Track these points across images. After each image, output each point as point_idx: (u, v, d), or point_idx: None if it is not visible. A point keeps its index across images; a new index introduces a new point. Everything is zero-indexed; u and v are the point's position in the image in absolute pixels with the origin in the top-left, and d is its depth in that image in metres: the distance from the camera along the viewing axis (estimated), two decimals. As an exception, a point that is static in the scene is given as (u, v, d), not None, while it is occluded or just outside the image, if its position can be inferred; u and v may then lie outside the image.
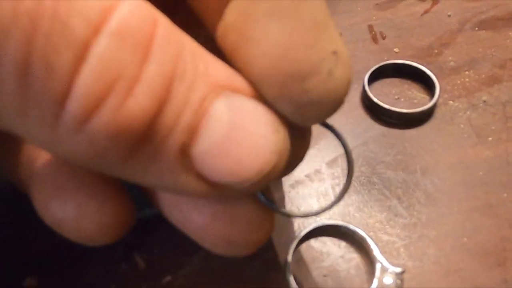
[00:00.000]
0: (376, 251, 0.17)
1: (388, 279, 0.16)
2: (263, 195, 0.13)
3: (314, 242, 0.18)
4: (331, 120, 0.23)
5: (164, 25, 0.10)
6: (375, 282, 0.16)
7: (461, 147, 0.21)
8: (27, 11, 0.08)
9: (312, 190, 0.20)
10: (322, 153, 0.21)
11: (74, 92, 0.08)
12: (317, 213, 0.13)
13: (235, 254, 0.12)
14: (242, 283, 0.17)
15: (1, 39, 0.08)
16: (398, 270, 0.16)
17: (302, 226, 0.18)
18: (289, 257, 0.17)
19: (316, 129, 0.22)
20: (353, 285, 0.17)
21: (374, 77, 0.24)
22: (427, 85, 0.24)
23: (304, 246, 0.18)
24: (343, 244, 0.18)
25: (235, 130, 0.10)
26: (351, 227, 0.18)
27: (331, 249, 0.18)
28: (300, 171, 0.21)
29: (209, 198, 0.12)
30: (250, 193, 0.12)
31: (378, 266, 0.17)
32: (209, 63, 0.10)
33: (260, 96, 0.11)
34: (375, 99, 0.22)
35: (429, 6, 0.28)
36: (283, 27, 0.11)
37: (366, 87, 0.23)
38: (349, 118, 0.23)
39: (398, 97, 0.23)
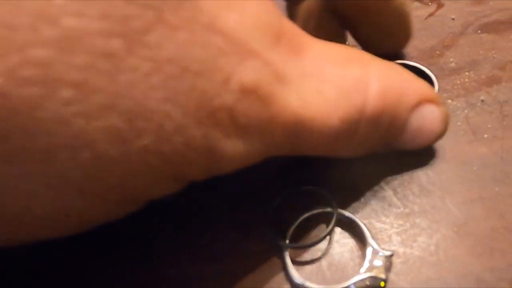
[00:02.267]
0: (368, 236, 0.18)
1: (378, 262, 0.17)
2: (273, 229, 0.19)
3: (311, 227, 0.19)
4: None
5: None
6: (366, 263, 0.17)
7: (457, 143, 0.22)
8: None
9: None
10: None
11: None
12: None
13: None
14: (239, 262, 0.19)
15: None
16: (388, 253, 0.17)
17: (300, 213, 0.20)
18: (287, 240, 0.19)
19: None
20: (346, 266, 0.18)
21: (376, 76, 0.25)
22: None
23: (301, 230, 0.19)
24: (338, 230, 0.19)
25: (420, 131, 0.18)
26: (347, 214, 0.19)
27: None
28: (301, 163, 0.22)
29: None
30: None
31: (369, 250, 0.18)
32: (406, 82, 0.17)
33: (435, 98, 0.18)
34: (375, 97, 0.23)
35: (434, 9, 0.29)
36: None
37: (368, 86, 0.24)
38: (350, 114, 0.24)
39: (399, 95, 0.24)
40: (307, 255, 0.19)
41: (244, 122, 0.13)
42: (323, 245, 0.19)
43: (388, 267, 0.17)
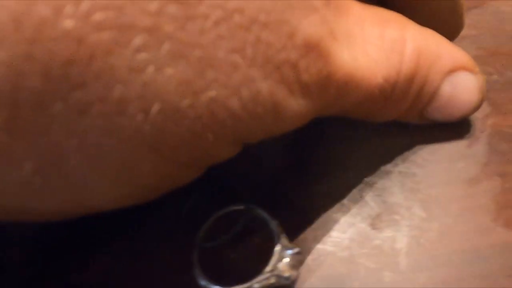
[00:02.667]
0: (278, 234, 0.18)
1: (287, 259, 0.17)
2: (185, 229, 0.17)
3: (223, 226, 0.19)
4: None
5: (411, 42, 0.16)
6: (273, 261, 0.17)
7: (373, 135, 0.22)
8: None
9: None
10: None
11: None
12: None
13: None
14: (148, 261, 0.18)
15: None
16: (295, 250, 0.17)
17: (214, 212, 0.19)
18: (197, 240, 0.18)
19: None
20: (253, 266, 0.17)
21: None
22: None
23: (213, 229, 0.19)
24: (249, 228, 0.19)
25: (453, 99, 0.17)
26: (259, 211, 0.18)
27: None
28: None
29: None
30: None
31: (277, 247, 0.17)
32: (441, 46, 0.17)
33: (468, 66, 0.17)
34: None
35: None
36: None
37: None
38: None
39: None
40: (216, 255, 0.18)
41: (306, 79, 0.13)
42: (232, 244, 0.18)
43: (294, 264, 0.17)
